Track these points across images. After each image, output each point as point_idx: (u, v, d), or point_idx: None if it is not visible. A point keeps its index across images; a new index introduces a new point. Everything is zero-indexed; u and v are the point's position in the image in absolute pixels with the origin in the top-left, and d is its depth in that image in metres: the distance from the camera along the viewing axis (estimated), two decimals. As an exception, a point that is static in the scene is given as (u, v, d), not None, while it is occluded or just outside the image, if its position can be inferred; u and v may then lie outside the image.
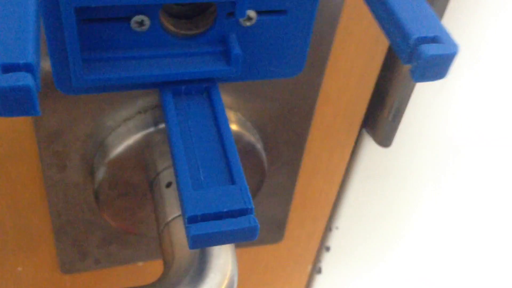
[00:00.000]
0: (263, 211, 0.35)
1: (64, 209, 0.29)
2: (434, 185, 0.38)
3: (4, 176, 0.27)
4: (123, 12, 0.22)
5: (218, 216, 0.19)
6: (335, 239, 0.40)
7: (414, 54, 0.16)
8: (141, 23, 0.22)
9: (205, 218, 0.19)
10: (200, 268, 0.23)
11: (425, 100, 0.32)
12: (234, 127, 0.28)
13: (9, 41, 0.14)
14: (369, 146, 0.34)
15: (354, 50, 0.28)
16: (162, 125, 0.27)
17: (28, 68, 0.13)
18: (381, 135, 0.32)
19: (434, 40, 0.16)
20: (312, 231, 0.39)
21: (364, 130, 0.33)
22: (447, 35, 0.16)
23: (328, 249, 0.41)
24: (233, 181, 0.21)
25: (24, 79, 0.13)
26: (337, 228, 0.39)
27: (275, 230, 0.37)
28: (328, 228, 0.40)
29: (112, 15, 0.21)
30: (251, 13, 0.23)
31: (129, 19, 0.22)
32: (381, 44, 0.29)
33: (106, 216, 0.28)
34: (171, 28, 0.23)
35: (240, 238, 0.20)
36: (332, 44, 0.27)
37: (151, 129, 0.27)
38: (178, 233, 0.25)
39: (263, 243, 0.38)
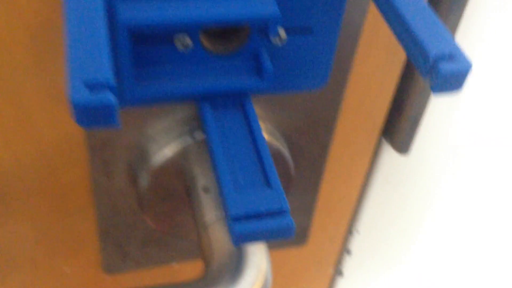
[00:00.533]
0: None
1: (109, 214, 0.31)
2: (450, 190, 0.40)
3: (56, 182, 0.29)
4: (168, 33, 0.24)
5: (258, 215, 0.21)
6: (356, 243, 0.42)
7: (433, 71, 0.18)
8: (184, 43, 0.25)
9: (247, 217, 0.21)
10: (238, 265, 0.26)
11: (441, 109, 0.34)
12: (264, 135, 0.31)
13: (91, 61, 0.16)
14: (388, 153, 0.36)
15: (374, 63, 0.31)
16: (198, 135, 0.29)
17: (110, 86, 0.16)
18: (399, 143, 0.34)
19: (450, 57, 0.18)
20: (334, 234, 0.41)
21: (383, 138, 0.36)
22: (461, 52, 0.18)
23: (349, 252, 0.43)
24: (269, 184, 0.23)
25: (108, 97, 0.15)
26: (358, 231, 0.41)
27: (299, 233, 0.40)
28: (349, 232, 0.42)
29: (158, 36, 0.24)
30: (282, 32, 0.26)
31: (173, 39, 0.24)
32: (398, 57, 0.31)
33: (148, 219, 0.31)
34: (209, 46, 0.26)
35: (278, 236, 0.22)
36: (353, 59, 0.30)
37: (189, 139, 0.29)
38: (217, 234, 0.27)
39: (287, 246, 0.40)
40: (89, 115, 0.15)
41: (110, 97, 0.15)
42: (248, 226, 0.21)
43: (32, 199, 0.29)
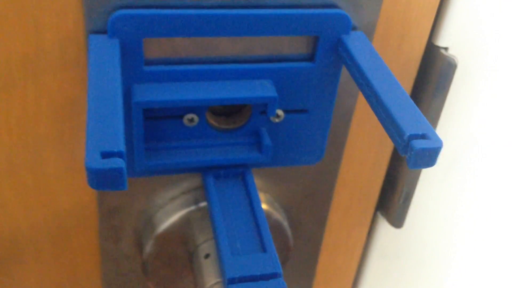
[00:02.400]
0: (288, 285, 0.38)
1: (114, 278, 0.33)
2: (444, 263, 0.41)
3: (66, 246, 0.31)
4: (178, 111, 0.27)
5: (253, 278, 0.23)
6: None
7: (408, 148, 0.20)
8: (191, 120, 0.27)
9: (242, 280, 0.23)
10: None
11: (431, 185, 0.36)
12: (264, 206, 0.33)
13: (107, 133, 0.19)
14: (384, 226, 0.37)
15: (366, 142, 0.33)
16: (202, 204, 0.32)
17: (120, 154, 0.18)
18: (394, 217, 0.36)
19: (423, 136, 0.21)
20: (333, 307, 0.42)
21: (378, 212, 0.37)
22: (433, 132, 0.21)
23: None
24: (264, 250, 0.25)
25: (119, 163, 0.18)
26: (356, 304, 0.42)
27: (299, 305, 0.40)
28: (348, 305, 0.43)
29: (169, 114, 0.27)
30: (279, 112, 0.29)
31: (182, 117, 0.27)
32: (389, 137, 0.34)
33: (151, 284, 0.32)
34: (214, 123, 0.29)
35: (271, 298, 0.23)
36: (347, 137, 0.32)
37: (193, 207, 0.31)
38: (216, 298, 0.29)
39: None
40: (101, 179, 0.18)
41: (120, 164, 0.18)
42: (243, 288, 0.23)
43: (45, 260, 0.31)
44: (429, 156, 0.20)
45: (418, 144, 0.20)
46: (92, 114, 0.20)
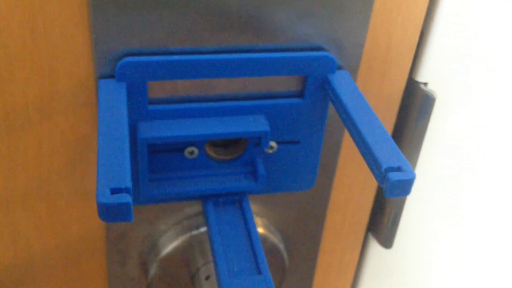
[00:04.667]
0: (285, 305, 0.40)
1: (121, 299, 0.35)
2: (433, 281, 0.43)
3: (77, 269, 0.33)
4: (179, 145, 0.29)
5: (248, 299, 0.25)
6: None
7: (384, 179, 0.23)
8: (191, 153, 0.30)
9: (239, 301, 0.25)
10: None
11: (417, 207, 0.38)
12: (260, 230, 0.35)
13: (115, 171, 0.21)
14: (374, 247, 0.40)
15: (356, 168, 0.36)
16: (202, 229, 0.34)
17: (127, 190, 0.21)
18: (383, 238, 0.38)
19: (398, 169, 0.23)
20: (329, 325, 0.44)
21: (369, 234, 0.40)
22: (407, 165, 0.23)
23: None
24: (259, 272, 0.27)
25: (126, 198, 0.20)
26: (352, 323, 0.44)
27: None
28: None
29: (171, 147, 0.29)
30: (273, 144, 0.31)
31: (183, 150, 0.30)
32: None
33: (155, 305, 0.34)
34: (213, 154, 0.31)
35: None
36: (336, 164, 0.35)
37: (194, 232, 0.34)
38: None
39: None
40: (110, 213, 0.20)
41: (127, 199, 0.20)
42: (239, 308, 0.25)
43: (58, 283, 0.33)
44: (404, 187, 0.23)
45: (394, 176, 0.22)
46: (102, 152, 0.22)
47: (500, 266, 0.45)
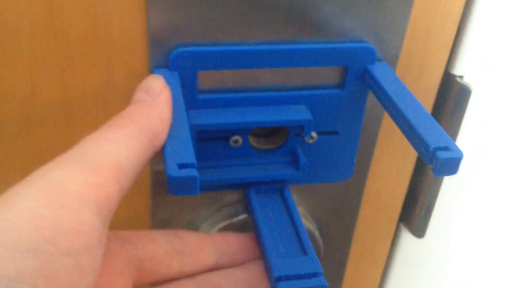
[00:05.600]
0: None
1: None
2: (465, 271, 0.44)
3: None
4: (225, 134, 0.31)
5: (297, 277, 0.27)
6: (380, 323, 0.45)
7: (433, 158, 0.24)
8: (236, 141, 0.31)
9: (288, 278, 0.26)
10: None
11: (451, 198, 0.39)
12: (298, 218, 0.36)
13: (181, 149, 0.23)
14: (406, 237, 0.41)
15: (390, 159, 0.37)
16: (241, 216, 0.35)
17: (193, 165, 0.22)
18: (416, 228, 0.39)
19: (445, 148, 0.24)
20: (360, 314, 0.45)
21: (401, 223, 0.41)
22: (454, 145, 0.24)
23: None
24: (305, 253, 0.28)
25: (193, 172, 0.22)
26: (381, 312, 0.45)
27: (327, 312, 0.43)
28: (373, 312, 0.45)
29: (217, 136, 0.31)
30: (313, 134, 0.32)
31: (228, 139, 0.31)
32: (411, 153, 0.37)
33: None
34: (256, 144, 0.32)
35: (313, 295, 0.27)
36: (372, 156, 0.36)
37: (234, 219, 0.35)
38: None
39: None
40: (179, 186, 0.22)
41: (194, 173, 0.21)
42: (289, 285, 0.26)
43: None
44: (452, 165, 0.24)
45: (442, 154, 0.23)
46: (169, 136, 0.24)
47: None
